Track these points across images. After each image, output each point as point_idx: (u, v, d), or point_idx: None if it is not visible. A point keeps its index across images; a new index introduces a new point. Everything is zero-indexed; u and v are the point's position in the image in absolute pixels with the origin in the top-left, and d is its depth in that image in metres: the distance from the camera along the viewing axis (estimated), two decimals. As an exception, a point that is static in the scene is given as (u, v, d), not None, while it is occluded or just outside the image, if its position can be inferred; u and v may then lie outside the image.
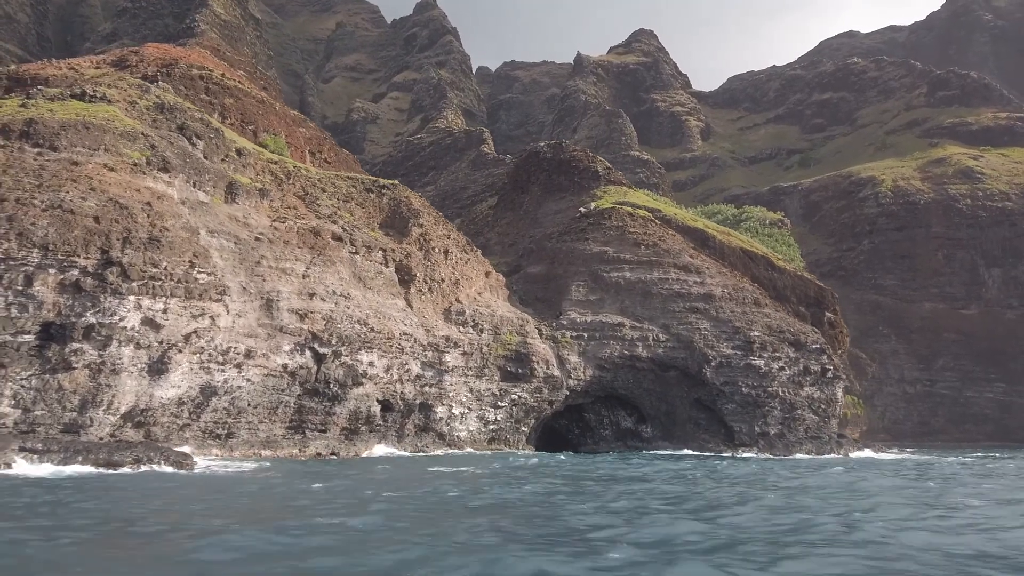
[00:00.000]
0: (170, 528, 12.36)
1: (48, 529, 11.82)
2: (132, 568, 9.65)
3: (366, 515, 14.06)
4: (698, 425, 41.93)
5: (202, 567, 9.48)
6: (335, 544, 10.99)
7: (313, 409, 33.42)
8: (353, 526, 12.74)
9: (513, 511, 15.58)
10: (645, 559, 10.09)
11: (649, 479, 23.55)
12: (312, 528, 12.28)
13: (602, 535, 12.06)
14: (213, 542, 10.88)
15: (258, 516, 14.44)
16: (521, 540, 11.49)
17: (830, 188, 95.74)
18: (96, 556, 10.27)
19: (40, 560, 9.75)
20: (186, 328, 28.21)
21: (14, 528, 11.84)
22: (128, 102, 38.66)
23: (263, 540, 11.16)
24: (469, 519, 14.14)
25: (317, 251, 37.58)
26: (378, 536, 11.96)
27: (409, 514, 14.66)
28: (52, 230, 26.70)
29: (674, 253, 47.10)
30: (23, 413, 24.14)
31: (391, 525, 12.95)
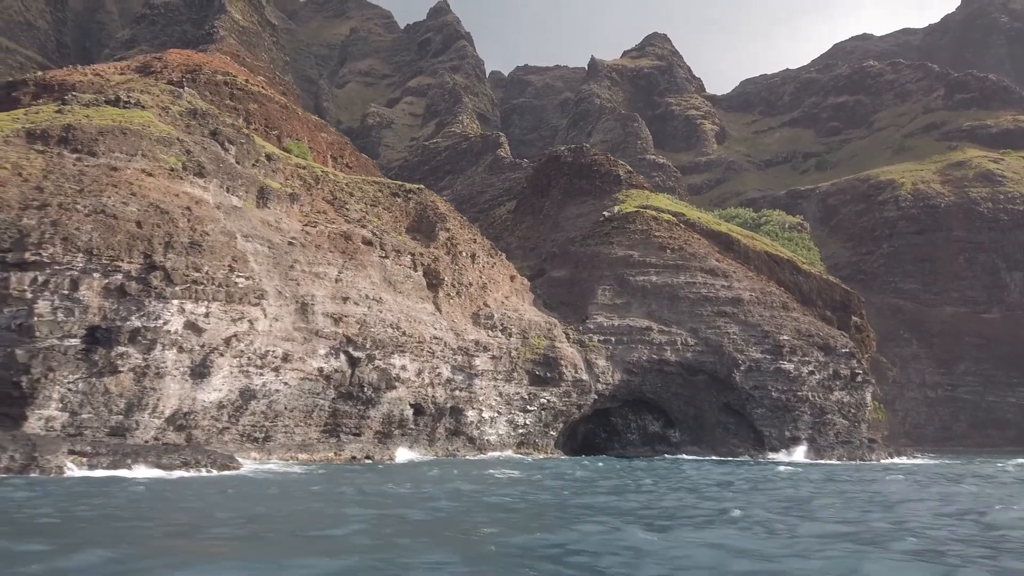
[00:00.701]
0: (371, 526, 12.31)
1: (207, 526, 12.03)
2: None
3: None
4: (727, 430, 41.79)
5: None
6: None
7: (347, 412, 33.54)
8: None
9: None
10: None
11: (756, 487, 23.14)
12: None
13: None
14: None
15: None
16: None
17: (848, 191, 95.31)
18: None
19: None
20: (226, 332, 28.40)
21: (168, 523, 12.04)
22: (161, 108, 38.99)
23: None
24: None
25: (348, 255, 37.75)
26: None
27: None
28: (96, 235, 26.96)
29: (700, 257, 47.02)
30: (71, 416, 24.35)
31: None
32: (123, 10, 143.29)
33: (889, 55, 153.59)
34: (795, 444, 40.12)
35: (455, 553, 10.28)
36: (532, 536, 12.11)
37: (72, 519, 13.26)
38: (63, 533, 11.85)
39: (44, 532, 11.87)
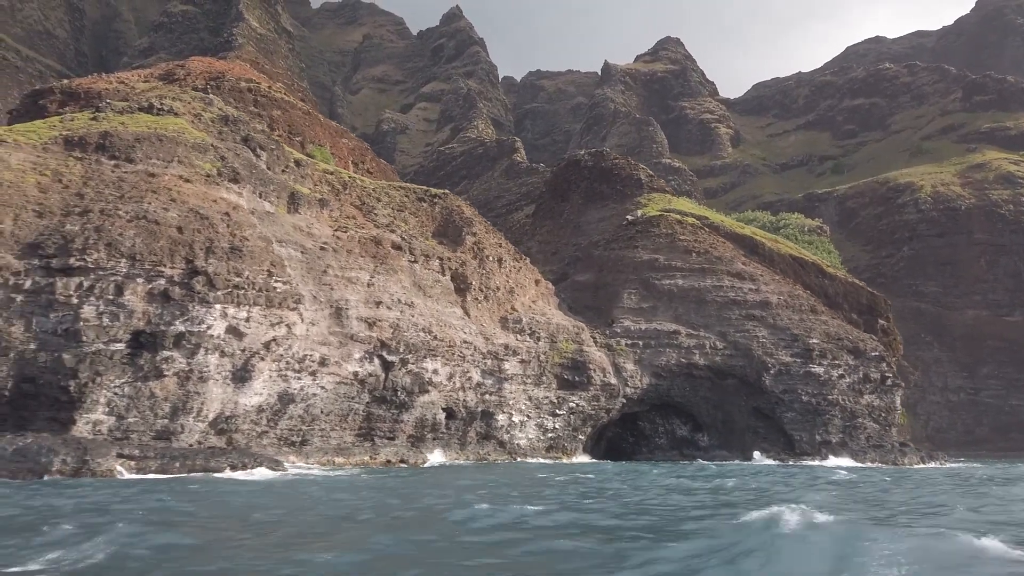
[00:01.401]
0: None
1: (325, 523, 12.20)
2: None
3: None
4: (757, 433, 41.61)
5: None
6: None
7: (381, 416, 33.63)
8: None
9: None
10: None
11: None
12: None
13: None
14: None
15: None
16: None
17: (867, 194, 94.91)
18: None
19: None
20: (265, 336, 28.57)
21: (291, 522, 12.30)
22: (193, 114, 39.35)
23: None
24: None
25: (379, 260, 37.92)
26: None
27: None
28: (139, 240, 27.21)
29: (726, 260, 46.92)
30: (117, 420, 24.55)
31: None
32: (139, 19, 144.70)
33: (902, 58, 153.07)
34: (826, 447, 39.89)
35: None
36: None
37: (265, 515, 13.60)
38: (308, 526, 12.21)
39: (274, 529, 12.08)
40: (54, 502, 15.05)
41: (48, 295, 25.42)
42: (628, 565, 8.90)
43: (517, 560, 9.49)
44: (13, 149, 31.68)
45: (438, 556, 9.81)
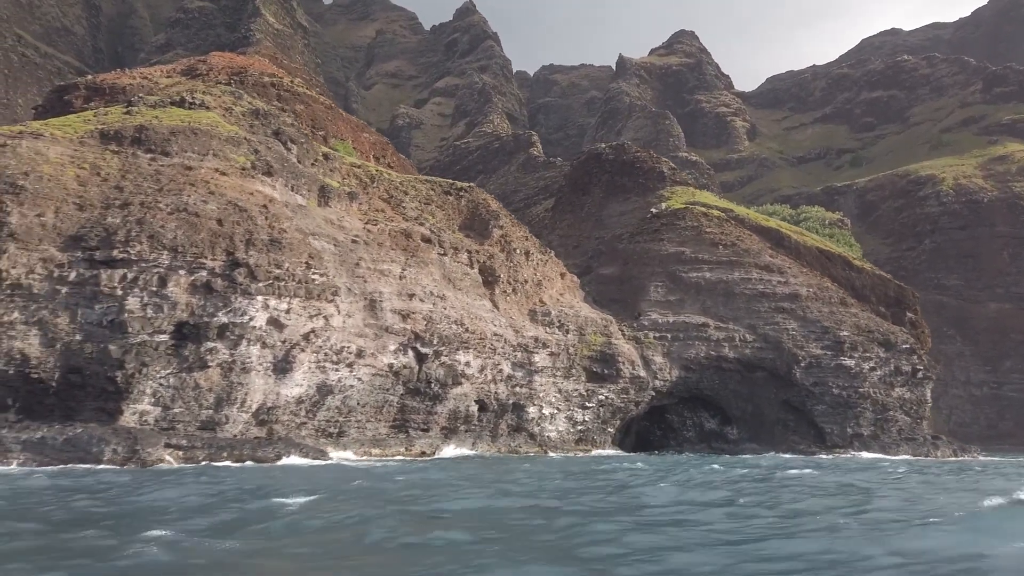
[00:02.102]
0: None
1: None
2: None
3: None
4: (787, 426, 41.44)
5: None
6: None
7: (415, 408, 33.71)
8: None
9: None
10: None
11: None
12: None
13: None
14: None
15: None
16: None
17: (887, 187, 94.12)
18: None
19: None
20: (304, 328, 28.67)
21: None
22: (224, 108, 39.47)
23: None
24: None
25: (410, 252, 37.96)
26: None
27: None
28: (180, 233, 27.35)
29: (754, 253, 46.68)
30: (163, 411, 24.72)
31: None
32: (153, 15, 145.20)
33: (919, 50, 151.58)
34: (858, 440, 39.67)
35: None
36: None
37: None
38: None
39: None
40: (219, 487, 15.47)
41: (92, 287, 25.60)
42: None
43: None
44: (51, 143, 31.90)
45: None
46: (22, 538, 9.77)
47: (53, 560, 8.33)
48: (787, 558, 8.58)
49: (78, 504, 13.07)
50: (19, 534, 10.00)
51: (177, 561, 8.39)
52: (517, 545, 9.66)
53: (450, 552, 9.09)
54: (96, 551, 8.73)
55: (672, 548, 9.15)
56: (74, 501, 13.38)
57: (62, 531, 10.21)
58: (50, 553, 8.74)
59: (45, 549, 9.05)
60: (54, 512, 12.09)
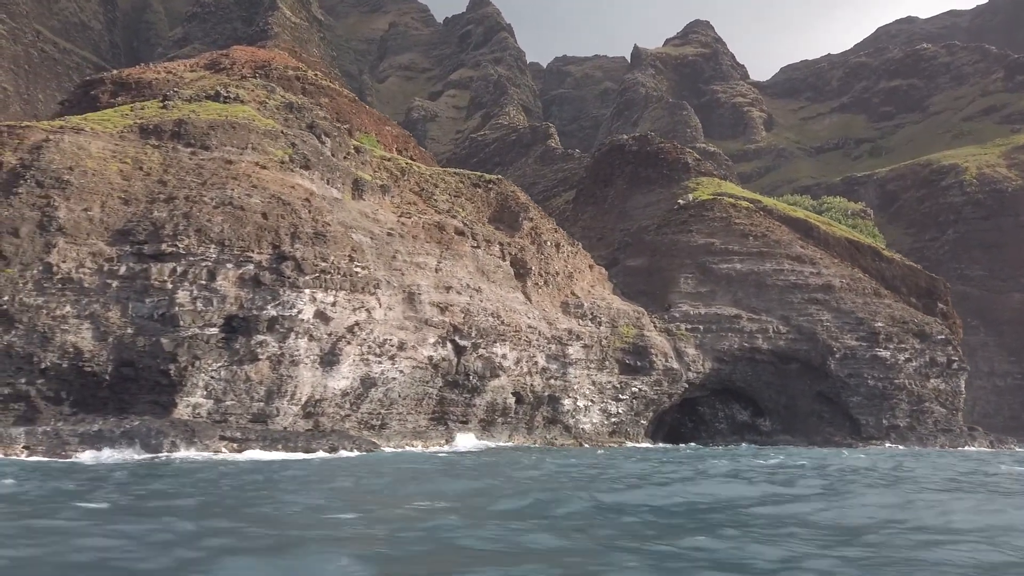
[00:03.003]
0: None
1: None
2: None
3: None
4: (821, 418, 41.33)
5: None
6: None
7: (454, 401, 33.82)
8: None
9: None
10: None
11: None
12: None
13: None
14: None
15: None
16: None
17: (909, 177, 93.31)
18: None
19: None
20: (348, 320, 28.78)
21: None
22: (258, 102, 39.54)
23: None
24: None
25: (444, 245, 37.98)
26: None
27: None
28: (226, 226, 27.47)
29: (785, 244, 46.47)
30: (215, 403, 24.90)
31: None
32: (169, 10, 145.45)
33: (935, 38, 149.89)
34: (895, 432, 39.52)
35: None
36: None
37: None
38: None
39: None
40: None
41: (143, 280, 25.78)
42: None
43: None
44: (92, 137, 32.07)
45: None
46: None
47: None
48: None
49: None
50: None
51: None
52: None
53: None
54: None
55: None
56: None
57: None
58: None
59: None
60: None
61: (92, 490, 13.57)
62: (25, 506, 11.78)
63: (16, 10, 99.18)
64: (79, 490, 13.49)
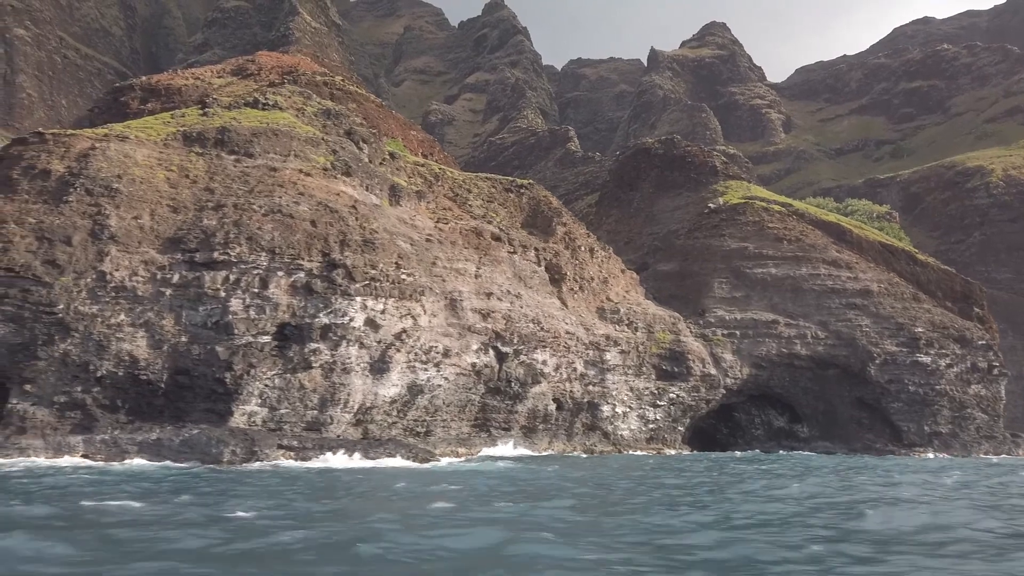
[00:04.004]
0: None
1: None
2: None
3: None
4: (861, 424, 40.95)
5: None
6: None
7: (496, 407, 33.70)
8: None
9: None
10: None
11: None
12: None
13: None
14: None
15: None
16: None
17: (932, 179, 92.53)
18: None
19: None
20: (396, 328, 28.73)
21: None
22: (296, 109, 39.63)
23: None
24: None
25: (482, 251, 37.90)
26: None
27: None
28: (276, 234, 27.50)
29: (820, 248, 46.12)
30: (270, 412, 24.90)
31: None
32: (187, 16, 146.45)
33: (953, 38, 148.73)
34: (938, 439, 39.10)
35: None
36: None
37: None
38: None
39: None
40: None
41: (196, 288, 25.83)
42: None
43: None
44: (136, 145, 32.21)
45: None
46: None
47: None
48: None
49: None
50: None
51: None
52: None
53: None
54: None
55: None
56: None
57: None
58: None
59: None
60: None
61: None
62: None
63: (40, 16, 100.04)
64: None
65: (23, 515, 11.05)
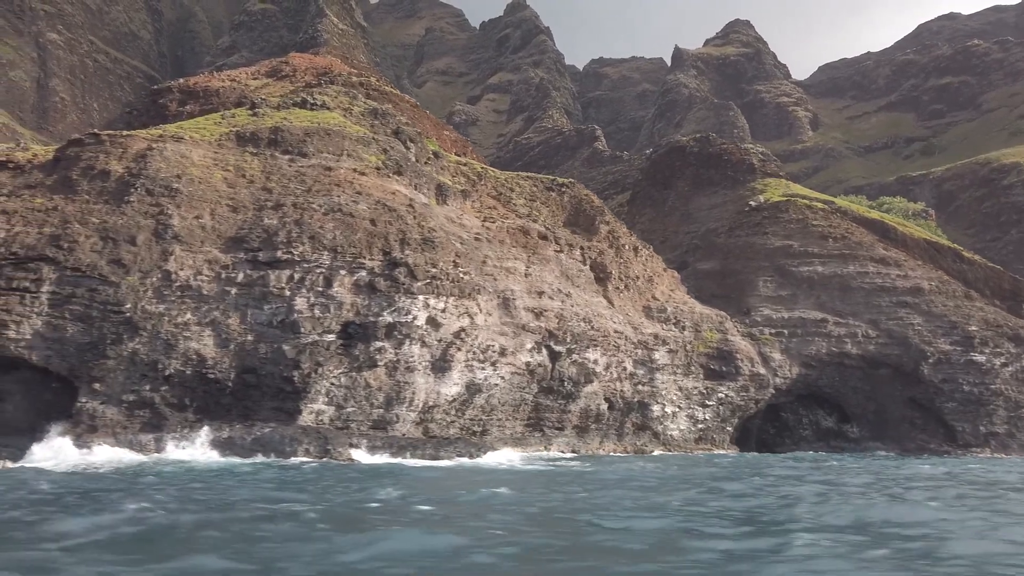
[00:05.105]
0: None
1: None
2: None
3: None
4: (913, 425, 40.31)
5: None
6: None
7: (549, 407, 33.50)
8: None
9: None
10: None
11: None
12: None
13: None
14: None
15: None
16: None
17: (966, 176, 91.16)
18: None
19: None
20: (454, 327, 28.63)
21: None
22: (343, 109, 39.72)
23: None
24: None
25: (530, 250, 37.74)
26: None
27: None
28: (338, 233, 27.51)
29: (867, 245, 45.51)
30: (336, 410, 24.88)
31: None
32: (211, 19, 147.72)
33: (980, 34, 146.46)
34: (994, 439, 38.42)
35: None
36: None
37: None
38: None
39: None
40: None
41: (261, 287, 25.88)
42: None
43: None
44: (192, 145, 32.39)
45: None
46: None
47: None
48: None
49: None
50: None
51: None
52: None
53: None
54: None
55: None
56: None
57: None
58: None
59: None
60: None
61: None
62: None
63: (72, 21, 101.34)
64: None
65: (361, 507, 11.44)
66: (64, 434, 22.11)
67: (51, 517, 10.41)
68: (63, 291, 25.35)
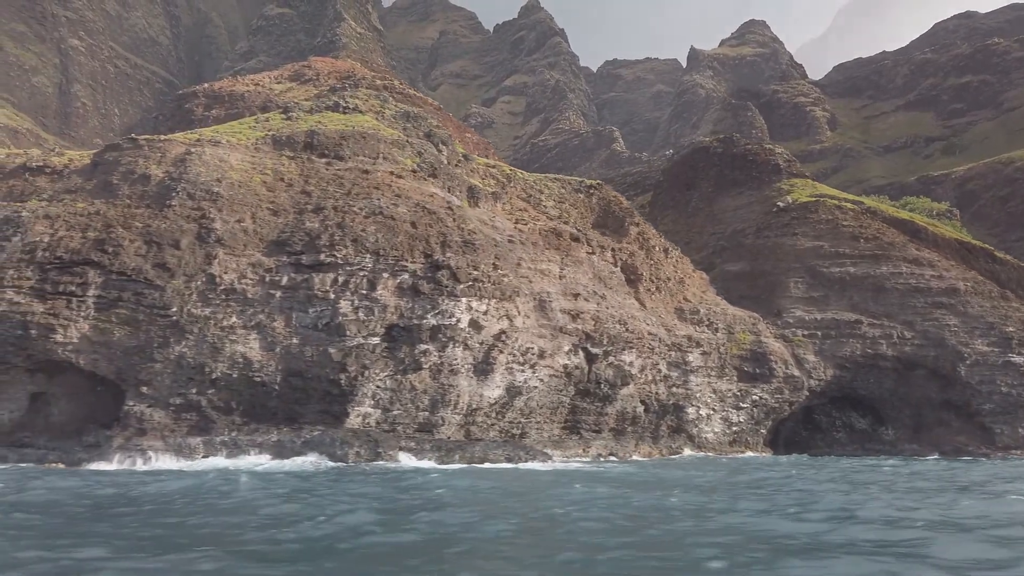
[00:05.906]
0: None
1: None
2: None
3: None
4: (949, 427, 39.83)
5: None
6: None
7: (586, 409, 33.35)
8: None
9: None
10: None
11: None
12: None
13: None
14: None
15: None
16: None
17: (989, 176, 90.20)
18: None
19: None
20: (495, 329, 28.55)
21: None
22: (375, 112, 39.78)
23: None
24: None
25: (563, 252, 37.61)
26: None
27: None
28: (380, 235, 27.50)
29: (899, 246, 45.06)
30: (383, 413, 24.84)
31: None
32: (228, 24, 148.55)
33: (998, 32, 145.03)
34: (1035, 442, 37.90)
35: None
36: None
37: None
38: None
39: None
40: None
41: (305, 290, 25.89)
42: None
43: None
44: (230, 149, 32.50)
45: None
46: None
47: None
48: None
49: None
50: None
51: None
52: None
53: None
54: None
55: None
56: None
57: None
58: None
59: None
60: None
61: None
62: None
63: (93, 27, 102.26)
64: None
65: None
66: (116, 438, 22.16)
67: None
68: (109, 295, 25.47)
